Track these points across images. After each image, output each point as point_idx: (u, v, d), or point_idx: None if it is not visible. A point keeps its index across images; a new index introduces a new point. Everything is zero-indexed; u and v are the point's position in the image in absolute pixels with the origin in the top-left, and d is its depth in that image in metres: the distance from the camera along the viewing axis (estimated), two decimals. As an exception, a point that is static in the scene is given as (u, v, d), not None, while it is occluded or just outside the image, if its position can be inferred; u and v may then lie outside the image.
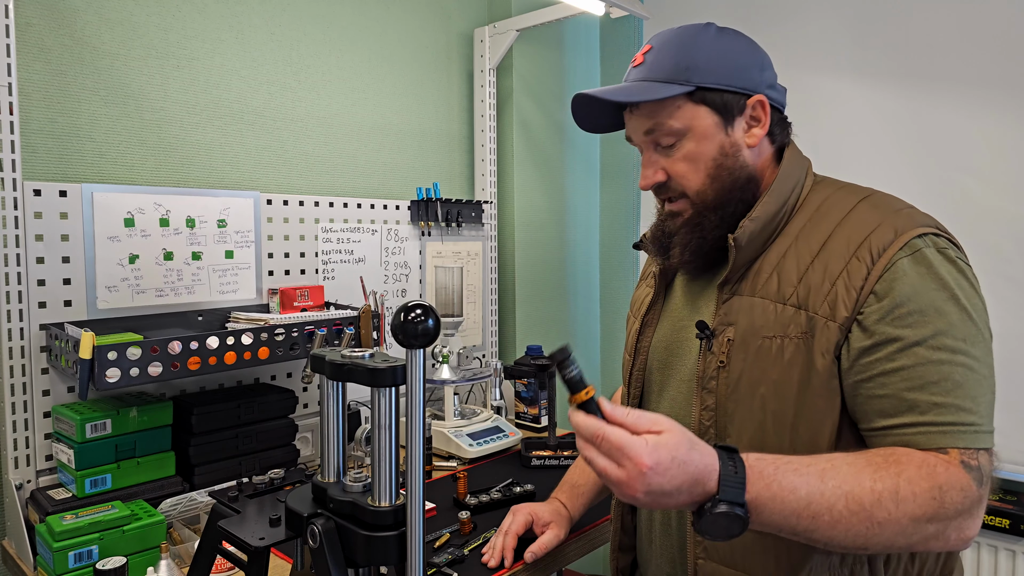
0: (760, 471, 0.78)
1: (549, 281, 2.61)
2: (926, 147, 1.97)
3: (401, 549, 0.79)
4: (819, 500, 0.77)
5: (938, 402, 0.81)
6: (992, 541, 1.90)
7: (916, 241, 0.85)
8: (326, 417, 0.89)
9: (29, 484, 1.43)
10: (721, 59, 0.94)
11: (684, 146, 0.96)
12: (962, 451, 0.80)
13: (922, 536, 0.78)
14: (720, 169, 0.95)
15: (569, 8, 2.07)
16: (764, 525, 0.78)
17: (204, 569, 0.93)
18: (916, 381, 0.82)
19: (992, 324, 2.04)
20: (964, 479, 0.79)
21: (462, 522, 1.39)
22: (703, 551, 0.95)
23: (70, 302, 1.50)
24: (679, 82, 0.93)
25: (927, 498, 0.77)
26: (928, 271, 0.84)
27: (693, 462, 0.75)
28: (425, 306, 0.78)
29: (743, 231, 0.93)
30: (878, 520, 0.77)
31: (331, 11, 2.01)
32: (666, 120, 0.95)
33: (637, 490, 0.74)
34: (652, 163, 0.99)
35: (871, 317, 0.84)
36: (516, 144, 2.45)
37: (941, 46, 1.93)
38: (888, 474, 0.78)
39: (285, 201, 1.88)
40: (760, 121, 0.96)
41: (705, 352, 0.96)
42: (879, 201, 0.93)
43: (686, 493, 0.76)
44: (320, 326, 1.62)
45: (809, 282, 0.88)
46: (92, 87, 1.57)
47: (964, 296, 0.84)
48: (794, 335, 0.88)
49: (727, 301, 0.95)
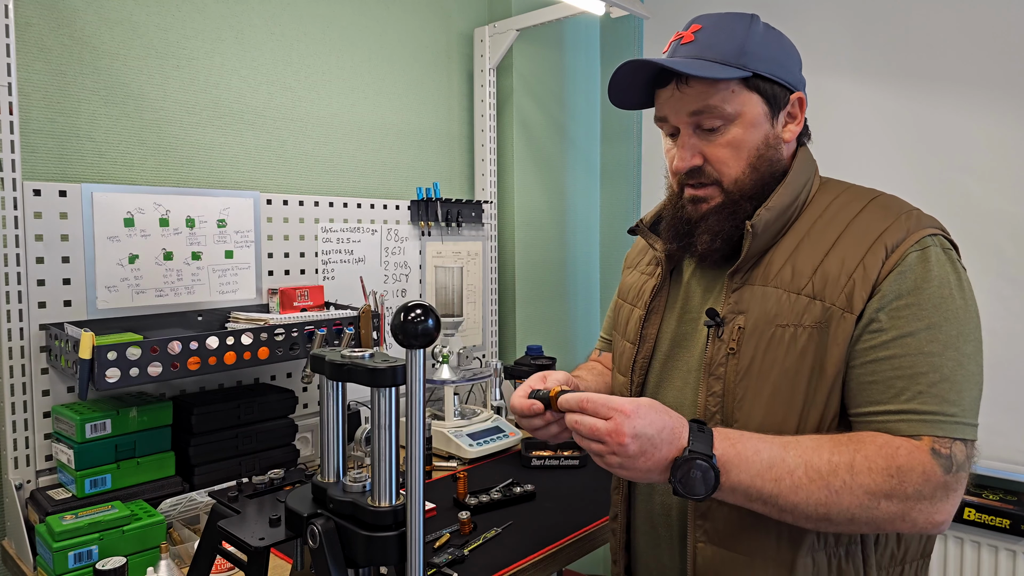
0: (725, 434, 0.86)
1: (549, 281, 2.61)
2: (926, 147, 1.97)
3: (401, 549, 0.79)
4: (780, 464, 0.83)
5: (923, 391, 0.85)
6: (992, 541, 1.90)
7: (926, 240, 0.89)
8: (326, 417, 0.88)
9: (29, 484, 1.43)
10: (774, 50, 0.96)
11: (730, 131, 0.96)
12: (935, 439, 0.84)
13: (884, 513, 0.83)
14: (761, 159, 0.97)
15: (569, 8, 2.07)
16: (733, 486, 0.84)
17: (204, 569, 0.93)
18: (905, 371, 0.86)
19: (992, 324, 2.04)
20: (928, 463, 0.82)
21: (462, 522, 1.39)
22: (703, 535, 0.97)
23: (70, 302, 1.50)
24: (736, 66, 0.93)
25: (883, 475, 0.82)
26: (932, 269, 0.88)
27: (668, 413, 0.86)
28: (425, 306, 0.77)
29: (760, 219, 0.94)
30: (835, 488, 0.82)
31: (331, 11, 2.01)
32: (719, 103, 0.94)
33: (625, 434, 0.82)
34: (691, 146, 0.98)
35: (873, 305, 0.88)
36: (516, 144, 2.45)
37: (941, 46, 1.93)
38: (846, 450, 0.84)
39: (285, 201, 1.88)
40: (796, 118, 0.99)
41: (714, 339, 0.97)
42: (888, 202, 0.96)
43: (666, 443, 0.84)
44: (320, 326, 1.62)
45: (826, 274, 0.91)
46: (92, 87, 1.56)
47: (959, 296, 0.88)
48: (808, 324, 0.90)
49: (737, 290, 0.97)
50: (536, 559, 1.31)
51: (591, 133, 2.73)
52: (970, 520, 1.91)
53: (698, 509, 0.98)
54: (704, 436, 0.85)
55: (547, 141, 2.55)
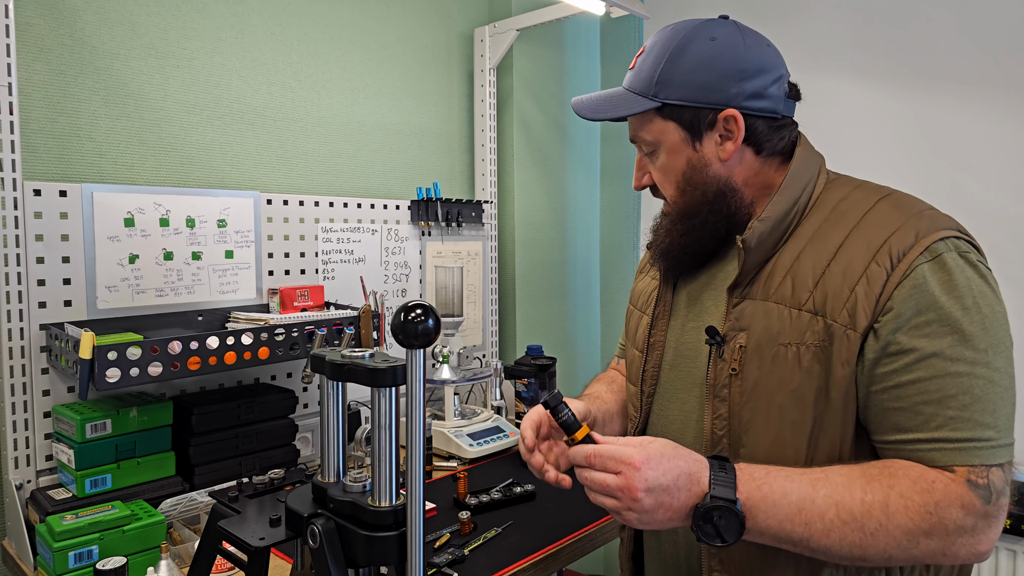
0: (750, 473, 0.81)
1: (549, 281, 2.61)
2: (927, 147, 1.97)
3: (401, 549, 0.79)
4: (810, 507, 0.78)
5: (954, 416, 0.79)
6: (992, 541, 1.90)
7: (938, 245, 0.83)
8: (326, 417, 0.88)
9: (29, 484, 1.43)
10: (697, 73, 0.94)
11: (659, 157, 1.00)
12: (970, 469, 0.78)
13: (924, 551, 0.78)
14: (688, 183, 0.97)
15: (569, 8, 2.07)
16: (761, 531, 0.80)
17: (204, 569, 0.93)
18: (933, 394, 0.80)
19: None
20: (966, 496, 0.78)
21: (462, 522, 1.39)
22: (718, 563, 0.93)
23: (70, 302, 1.50)
24: (649, 96, 0.96)
25: (921, 512, 0.77)
26: (949, 279, 0.81)
27: (682, 457, 0.81)
28: (425, 306, 0.77)
29: (752, 232, 0.91)
30: (870, 530, 0.77)
31: (331, 11, 2.01)
32: (641, 132, 1.00)
33: (637, 489, 0.78)
34: (641, 166, 1.04)
35: (888, 326, 0.82)
36: (516, 144, 2.45)
37: (942, 45, 1.93)
38: (880, 486, 0.79)
39: (285, 201, 1.88)
40: (733, 135, 0.95)
41: (716, 359, 0.94)
42: (900, 201, 0.90)
43: (684, 490, 0.79)
44: (320, 326, 1.62)
45: (826, 287, 0.86)
46: (92, 87, 1.56)
47: (985, 304, 0.81)
48: (811, 343, 0.86)
49: (738, 305, 0.93)
50: (536, 559, 1.31)
51: (591, 133, 2.73)
52: (970, 520, 1.91)
53: None
54: (726, 477, 0.79)
55: (547, 141, 2.55)
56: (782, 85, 0.97)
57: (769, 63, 0.96)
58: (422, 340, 0.76)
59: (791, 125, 1.00)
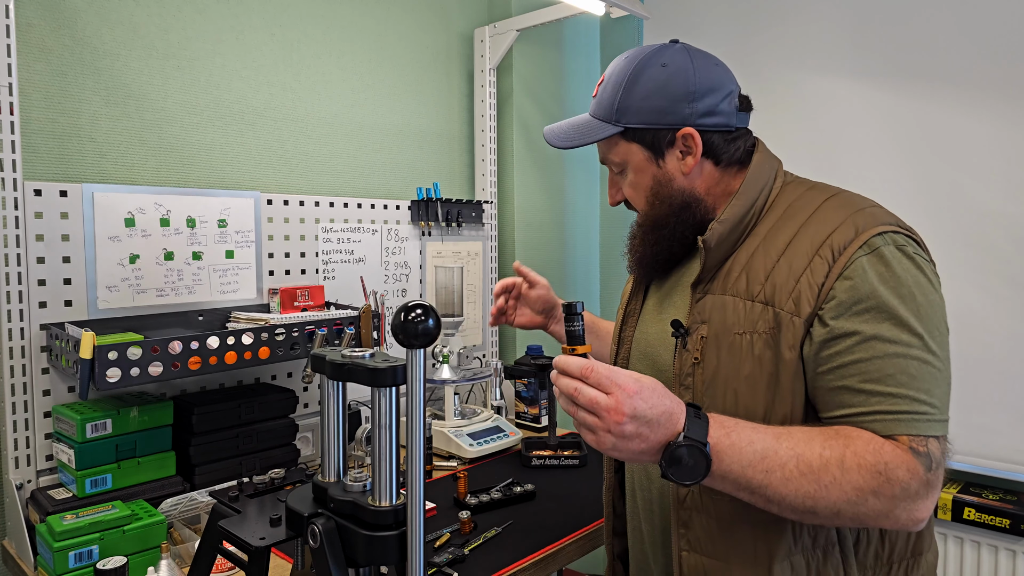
0: (721, 421, 0.86)
1: (549, 281, 2.60)
2: (926, 147, 1.97)
3: (401, 549, 0.79)
4: (772, 456, 0.84)
5: (892, 392, 0.86)
6: (992, 541, 1.90)
7: (876, 239, 0.90)
8: (326, 417, 0.89)
9: (29, 484, 1.43)
10: (652, 98, 1.02)
11: (628, 176, 1.08)
12: (912, 438, 0.85)
13: (869, 510, 0.83)
14: (656, 197, 1.06)
15: (569, 8, 2.07)
16: (724, 474, 0.84)
17: (204, 569, 0.93)
18: (873, 373, 0.86)
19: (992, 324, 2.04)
20: (911, 461, 0.84)
21: (462, 522, 1.39)
22: (686, 544, 1.00)
23: (71, 302, 1.50)
24: (612, 122, 1.05)
25: (871, 472, 0.83)
26: (886, 270, 0.88)
27: (668, 396, 0.85)
28: (425, 306, 0.78)
29: (712, 233, 0.99)
30: (824, 483, 0.83)
31: (331, 12, 2.01)
32: (609, 154, 1.09)
33: (624, 413, 0.81)
34: (614, 184, 1.12)
35: (830, 312, 0.89)
36: (516, 144, 2.45)
37: (941, 46, 1.94)
38: (837, 444, 0.85)
39: (285, 201, 1.88)
40: (692, 151, 1.03)
41: (680, 350, 1.01)
42: (844, 200, 0.98)
43: (662, 427, 0.83)
44: (320, 326, 1.63)
45: (775, 280, 0.93)
46: (93, 87, 1.57)
47: (920, 293, 0.88)
48: (762, 331, 0.93)
49: (700, 300, 1.01)
50: (536, 559, 1.31)
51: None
52: (970, 520, 1.91)
53: (680, 519, 1.00)
54: (700, 423, 0.84)
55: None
56: (732, 100, 1.04)
57: (718, 82, 1.03)
58: (422, 340, 0.77)
59: (746, 135, 1.07)
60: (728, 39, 2.29)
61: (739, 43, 2.27)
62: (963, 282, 1.92)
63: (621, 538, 1.23)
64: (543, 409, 2.14)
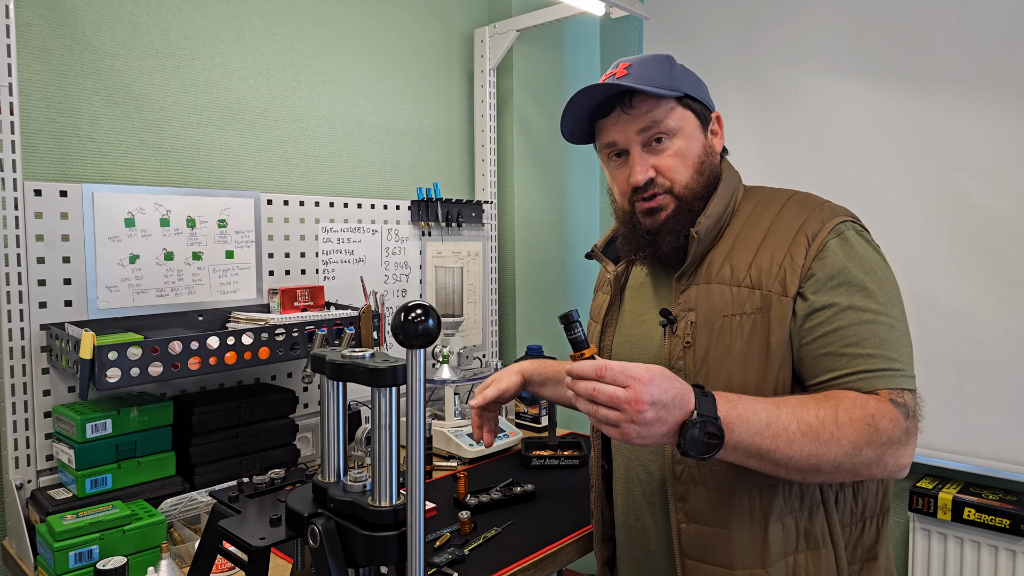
0: (726, 397, 0.93)
1: (549, 281, 2.61)
2: (926, 147, 1.97)
3: (401, 549, 0.79)
4: (776, 422, 0.91)
5: (870, 353, 0.97)
6: (992, 541, 1.90)
7: (840, 226, 1.03)
8: (326, 417, 0.89)
9: (30, 484, 1.43)
10: (691, 79, 1.12)
11: (674, 143, 1.10)
12: (890, 391, 0.96)
13: (863, 459, 0.92)
14: (703, 165, 1.11)
15: (569, 8, 2.07)
16: (736, 445, 0.91)
17: (204, 569, 0.93)
18: (851, 339, 0.97)
19: (992, 324, 2.04)
20: (893, 411, 0.94)
21: (462, 522, 1.39)
22: (684, 516, 1.06)
23: (70, 302, 1.50)
24: (670, 88, 1.08)
25: (862, 424, 0.92)
26: (851, 250, 1.01)
27: (677, 380, 0.91)
28: (425, 306, 0.78)
29: (701, 226, 1.07)
30: (824, 439, 0.91)
31: (331, 11, 2.01)
32: (663, 118, 1.09)
33: (644, 401, 0.85)
34: (644, 160, 1.11)
35: (810, 288, 1.00)
36: (516, 144, 2.45)
37: (941, 46, 1.93)
38: (829, 405, 0.94)
39: (285, 201, 1.88)
40: (717, 133, 1.15)
41: (670, 336, 1.08)
42: (803, 199, 1.10)
43: (678, 408, 0.88)
44: (320, 326, 1.63)
45: (760, 266, 1.03)
46: (93, 87, 1.57)
47: (879, 268, 1.02)
48: (750, 311, 1.02)
49: (685, 291, 1.09)
50: (536, 559, 1.31)
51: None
52: (970, 520, 1.91)
53: (677, 493, 1.06)
54: (708, 400, 0.90)
55: (547, 141, 2.55)
56: None
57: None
58: (422, 340, 0.77)
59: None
60: (728, 40, 2.29)
61: (739, 44, 2.27)
62: (963, 281, 1.92)
63: (609, 544, 1.27)
64: (543, 409, 2.14)
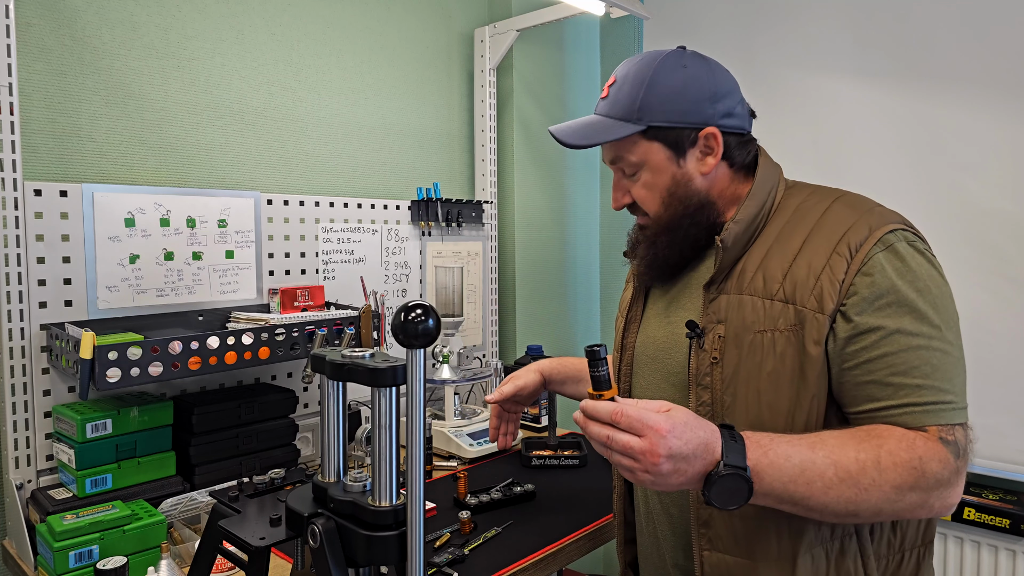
0: (756, 441, 0.86)
1: (549, 281, 2.61)
2: (927, 147, 1.97)
3: (401, 549, 0.79)
4: (811, 468, 0.84)
5: (919, 384, 0.88)
6: (992, 541, 1.90)
7: (889, 236, 0.92)
8: (326, 417, 0.89)
9: (30, 484, 1.43)
10: (674, 96, 1.02)
11: (642, 176, 1.06)
12: (940, 428, 0.87)
13: (907, 504, 0.85)
14: (672, 198, 1.05)
15: (569, 8, 2.07)
16: (766, 493, 0.84)
17: (204, 569, 0.93)
18: (900, 367, 0.88)
19: (992, 324, 2.04)
20: (942, 452, 0.86)
21: (462, 522, 1.39)
22: (707, 543, 0.99)
23: (71, 302, 1.50)
24: (633, 121, 1.03)
25: (907, 468, 0.84)
26: (902, 264, 0.91)
27: (701, 427, 0.84)
28: (425, 306, 0.78)
29: (728, 233, 0.99)
30: (864, 486, 0.84)
31: (331, 11, 2.01)
32: (624, 154, 1.06)
33: (659, 455, 0.80)
34: (620, 187, 1.10)
35: (854, 308, 0.90)
36: (516, 144, 2.45)
37: (942, 45, 1.93)
38: (871, 446, 0.86)
39: (285, 201, 1.88)
40: (713, 151, 1.03)
41: (697, 350, 1.01)
42: (851, 201, 1.00)
43: (700, 459, 0.82)
44: (320, 326, 1.63)
45: (795, 278, 0.94)
46: (93, 87, 1.57)
47: (934, 285, 0.91)
48: (783, 328, 0.94)
49: (714, 300, 1.01)
50: (536, 559, 1.31)
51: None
52: (970, 520, 1.91)
53: (699, 518, 0.99)
54: (737, 446, 0.84)
55: (547, 141, 2.55)
56: (744, 105, 1.07)
57: (733, 85, 1.06)
58: (422, 340, 0.77)
59: (753, 140, 1.09)
60: (729, 39, 2.29)
61: (740, 43, 2.27)
62: (965, 282, 1.91)
63: (631, 546, 1.22)
64: (543, 409, 2.14)
